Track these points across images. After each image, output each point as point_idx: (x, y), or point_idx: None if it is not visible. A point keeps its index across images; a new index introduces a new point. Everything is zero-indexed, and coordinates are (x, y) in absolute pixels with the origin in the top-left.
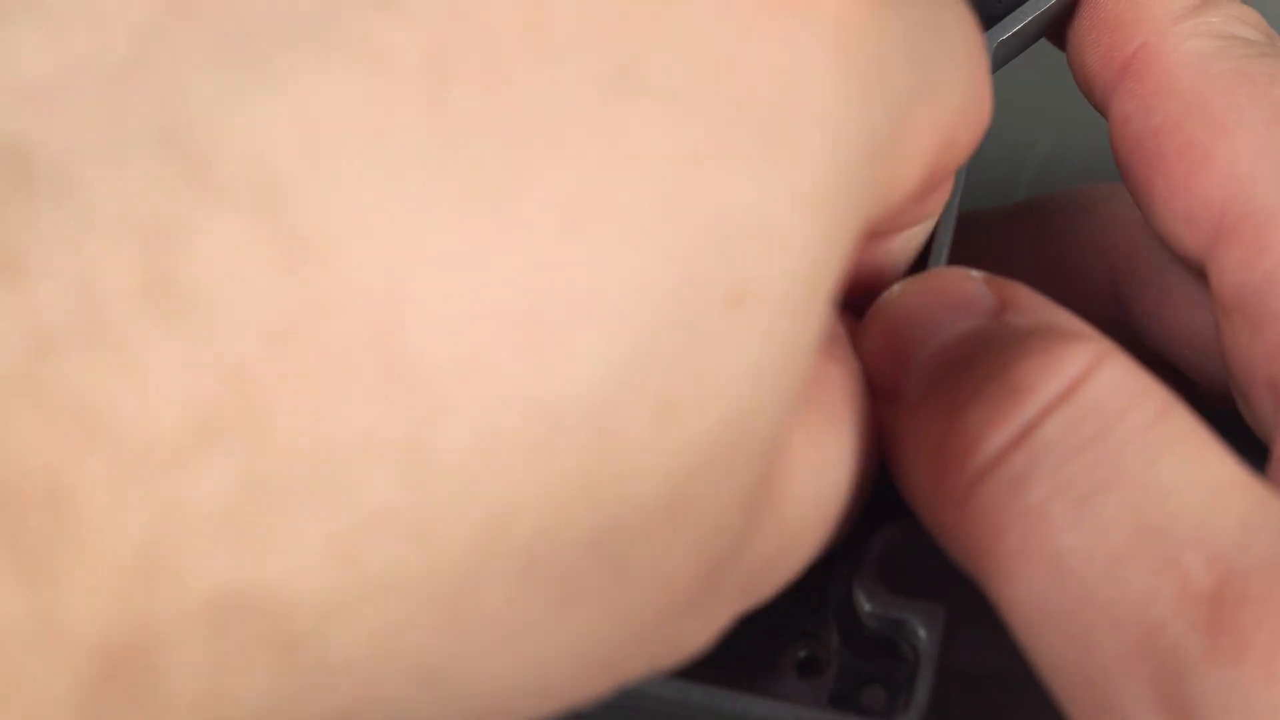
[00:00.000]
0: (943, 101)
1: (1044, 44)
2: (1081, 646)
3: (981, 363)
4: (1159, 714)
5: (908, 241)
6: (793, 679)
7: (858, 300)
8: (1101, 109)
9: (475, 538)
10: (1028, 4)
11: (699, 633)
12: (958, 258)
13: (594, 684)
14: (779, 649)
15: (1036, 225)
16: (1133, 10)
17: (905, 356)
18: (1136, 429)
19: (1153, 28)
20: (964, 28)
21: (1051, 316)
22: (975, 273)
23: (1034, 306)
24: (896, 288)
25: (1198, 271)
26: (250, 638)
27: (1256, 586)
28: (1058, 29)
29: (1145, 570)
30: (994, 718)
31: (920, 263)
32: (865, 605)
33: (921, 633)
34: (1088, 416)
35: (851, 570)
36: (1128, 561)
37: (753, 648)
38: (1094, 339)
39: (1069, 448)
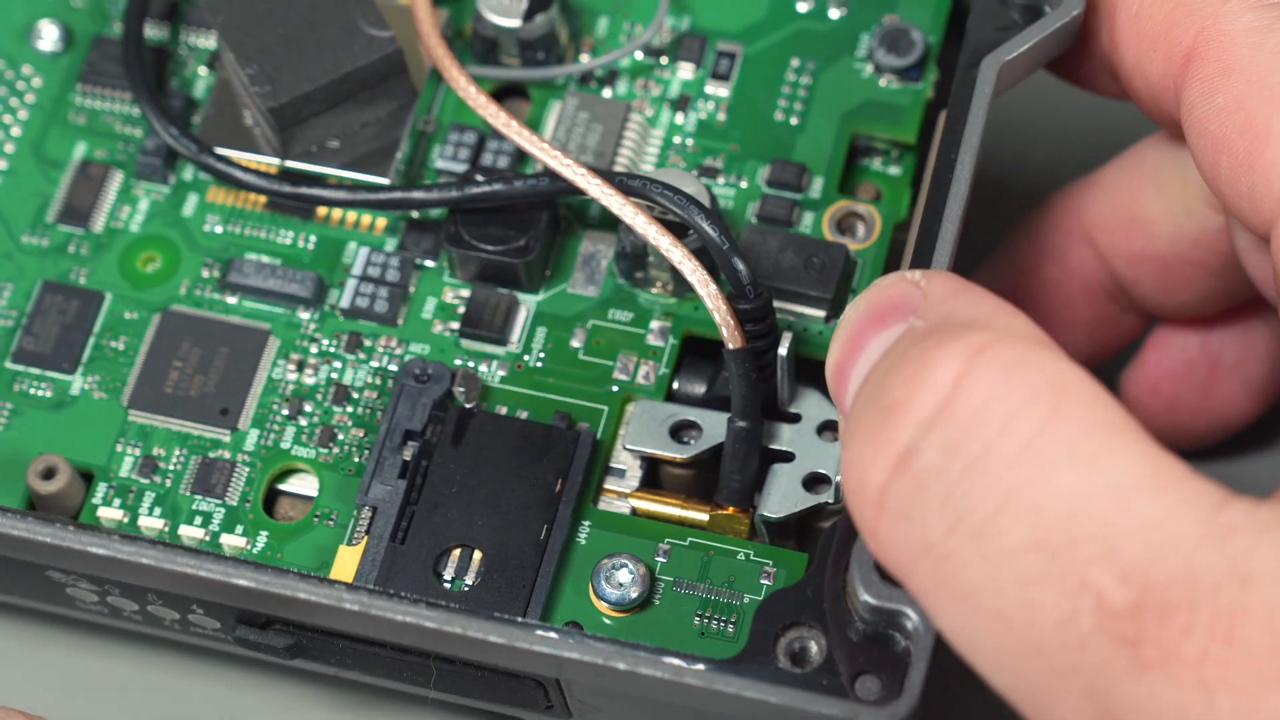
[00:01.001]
0: None
1: None
2: (1013, 672)
3: (876, 380)
4: None
5: None
6: (786, 668)
7: None
8: (1172, 119)
9: None
10: (1028, 29)
11: None
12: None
13: None
14: (773, 638)
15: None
16: (1180, 6)
17: (844, 376)
18: (1022, 443)
19: (1205, 12)
20: None
21: (951, 308)
22: (913, 273)
23: (941, 299)
24: (850, 305)
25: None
26: None
27: (1178, 597)
28: (1068, 66)
29: (1057, 594)
30: (982, 710)
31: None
32: (862, 594)
33: (917, 621)
34: (966, 434)
35: (847, 561)
36: (1038, 587)
37: (748, 636)
38: (971, 332)
39: (954, 475)
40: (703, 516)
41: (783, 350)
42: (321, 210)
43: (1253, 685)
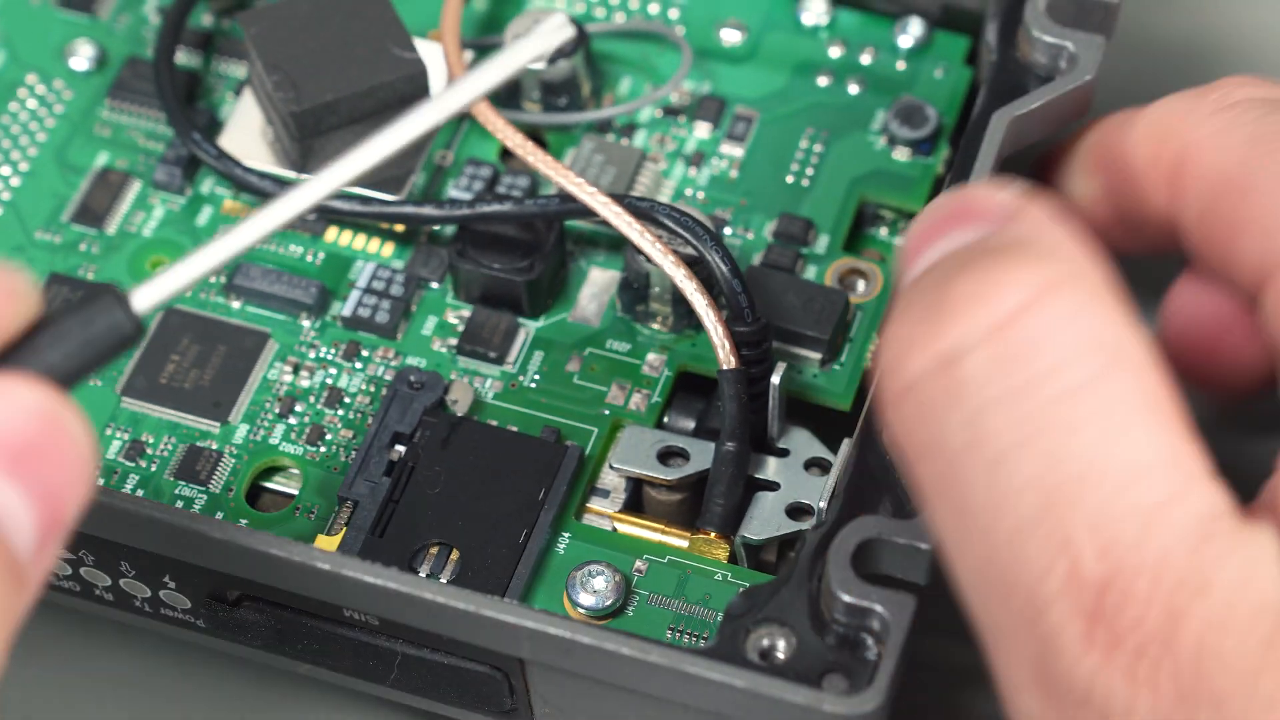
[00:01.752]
0: None
1: None
2: (982, 601)
3: (942, 273)
4: (1034, 688)
5: None
6: (754, 661)
7: None
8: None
9: None
10: (1040, 89)
11: None
12: None
13: None
14: (743, 633)
15: None
16: (1157, 136)
17: (916, 251)
18: (1065, 391)
19: (1179, 130)
20: None
21: (1041, 232)
22: (1016, 188)
23: (1035, 220)
24: (944, 194)
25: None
26: None
27: (1141, 587)
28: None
29: (1043, 547)
30: (956, 709)
31: None
32: (838, 593)
33: (889, 620)
34: (1017, 363)
35: (824, 566)
36: (1028, 534)
37: (719, 630)
38: (1049, 263)
39: (992, 394)
40: (683, 542)
41: (775, 379)
42: (331, 233)
43: (1169, 696)
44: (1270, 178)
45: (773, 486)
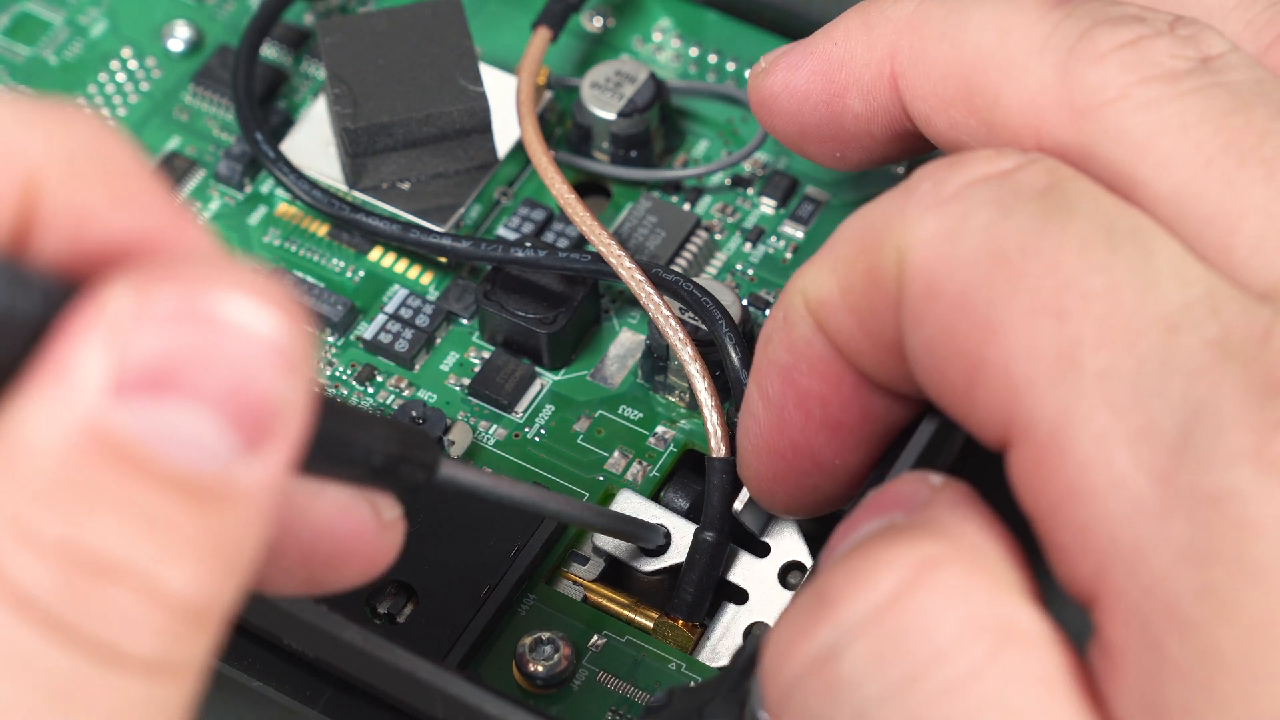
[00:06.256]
0: None
1: None
2: None
3: (828, 565)
4: None
5: None
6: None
7: None
8: None
9: None
10: None
11: None
12: None
13: None
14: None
15: None
16: (863, 246)
17: (827, 553)
18: (951, 681)
19: (891, 235)
20: None
21: (940, 512)
22: (935, 477)
23: (943, 501)
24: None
25: None
26: None
27: None
28: None
29: None
30: None
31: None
32: (757, 712)
33: None
34: (896, 655)
35: (752, 676)
36: None
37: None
38: (926, 541)
39: (871, 696)
40: (648, 622)
41: (738, 505)
42: (375, 253)
43: None
44: (1018, 317)
45: (741, 597)
